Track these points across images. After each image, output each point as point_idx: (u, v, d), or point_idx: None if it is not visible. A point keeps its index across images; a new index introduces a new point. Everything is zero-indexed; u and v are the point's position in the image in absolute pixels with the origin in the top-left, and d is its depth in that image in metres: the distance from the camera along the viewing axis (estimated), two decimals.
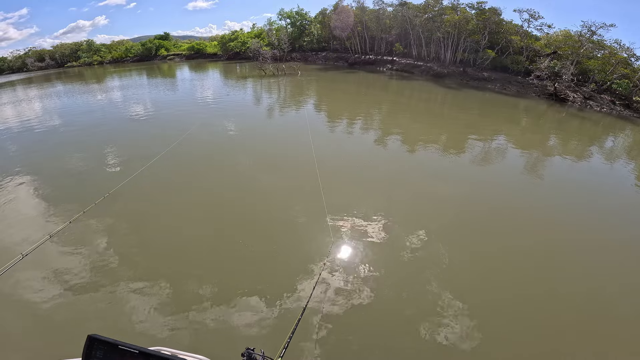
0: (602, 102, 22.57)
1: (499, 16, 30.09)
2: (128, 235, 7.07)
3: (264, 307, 5.06)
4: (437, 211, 7.82)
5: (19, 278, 5.76)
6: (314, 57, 45.01)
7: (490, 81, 28.29)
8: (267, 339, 4.49)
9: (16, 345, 4.60)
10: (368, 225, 7.11)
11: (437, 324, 4.77)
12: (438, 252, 6.27)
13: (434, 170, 10.47)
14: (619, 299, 5.36)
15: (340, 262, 6.07)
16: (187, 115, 17.96)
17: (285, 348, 2.35)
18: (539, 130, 16.69)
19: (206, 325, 4.78)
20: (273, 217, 7.53)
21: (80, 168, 10.90)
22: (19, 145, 13.97)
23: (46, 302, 5.30)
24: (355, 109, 19.03)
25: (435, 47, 34.29)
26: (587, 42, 25.48)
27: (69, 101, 25.00)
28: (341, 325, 4.75)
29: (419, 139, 13.45)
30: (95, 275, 5.82)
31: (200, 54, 59.67)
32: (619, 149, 15.00)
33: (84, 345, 1.38)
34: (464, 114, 19.03)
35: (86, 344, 1.38)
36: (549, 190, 9.52)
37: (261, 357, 1.92)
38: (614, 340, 4.68)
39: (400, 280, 5.62)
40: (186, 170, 10.34)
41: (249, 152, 11.70)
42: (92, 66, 58.48)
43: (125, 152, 12.10)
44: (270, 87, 27.06)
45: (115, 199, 8.45)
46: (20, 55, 63.06)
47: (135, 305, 5.13)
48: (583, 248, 6.69)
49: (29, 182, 9.82)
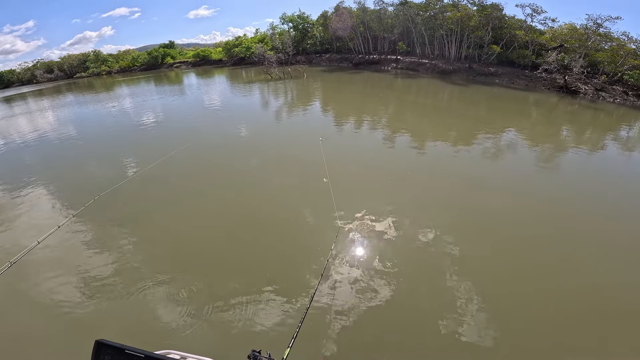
0: (615, 93, 22.31)
1: (500, 12, 30.00)
2: (137, 238, 7.13)
3: (274, 308, 4.99)
4: (449, 206, 7.72)
5: (36, 278, 5.90)
6: (318, 59, 45.28)
7: (498, 76, 28.16)
8: (275, 340, 4.42)
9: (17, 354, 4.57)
10: (379, 222, 7.08)
11: (452, 318, 4.69)
12: (451, 247, 6.19)
13: (445, 165, 10.39)
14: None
15: (352, 259, 6.02)
16: (197, 120, 18.21)
17: (294, 338, 2.37)
18: (553, 123, 16.54)
19: (213, 327, 4.75)
20: (282, 217, 7.51)
21: (95, 173, 11.15)
22: (34, 154, 14.31)
23: (63, 301, 5.35)
24: (363, 108, 19.08)
25: (439, 44, 34.30)
26: (594, 35, 25.25)
27: (85, 111, 25.54)
28: (354, 321, 4.72)
29: (429, 135, 13.44)
30: (110, 276, 5.89)
31: (205, 61, 60.35)
32: (635, 138, 14.79)
33: (92, 350, 1.42)
34: (474, 109, 18.97)
35: (94, 348, 1.42)
36: (565, 182, 9.39)
37: (267, 359, 1.92)
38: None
39: (414, 276, 5.57)
40: (198, 173, 10.47)
41: (259, 154, 11.75)
42: (101, 76, 59.56)
43: (139, 157, 12.29)
44: (278, 90, 27.27)
45: (128, 202, 8.68)
46: (29, 68, 64.30)
47: (143, 306, 5.13)
48: (601, 240, 6.51)
49: (41, 188, 10.05)
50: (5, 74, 63.80)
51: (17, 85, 61.67)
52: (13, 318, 5.18)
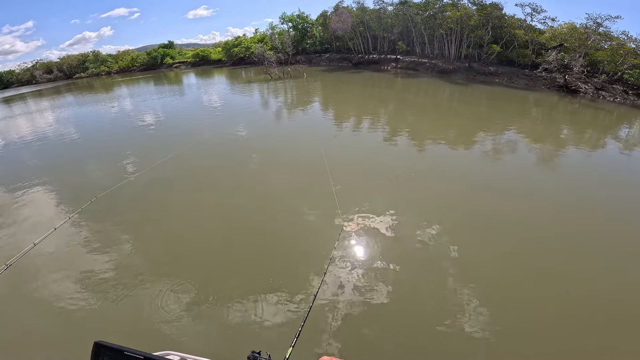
0: (615, 92, 22.29)
1: (500, 11, 29.99)
2: (137, 239, 7.08)
3: (275, 308, 4.94)
4: (452, 207, 7.63)
5: (45, 274, 5.86)
6: (318, 59, 45.28)
7: (498, 75, 28.15)
8: (275, 341, 4.38)
9: (16, 356, 4.53)
10: (381, 221, 7.02)
11: (454, 321, 4.63)
12: (454, 249, 6.12)
13: (446, 165, 10.34)
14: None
15: (354, 260, 5.97)
16: (197, 120, 18.17)
17: (297, 337, 2.34)
18: (553, 122, 16.53)
19: (213, 328, 4.71)
20: (284, 217, 7.45)
21: (94, 174, 11.12)
22: (34, 155, 14.26)
23: (60, 303, 5.31)
24: (363, 108, 19.05)
25: (438, 43, 34.30)
26: (594, 34, 25.25)
27: (85, 111, 25.50)
28: (356, 321, 4.68)
29: (429, 135, 13.40)
30: (108, 278, 5.85)
31: (205, 61, 60.33)
32: (636, 137, 14.77)
33: (91, 352, 1.40)
34: (474, 108, 18.95)
35: (93, 350, 1.40)
36: (567, 182, 9.34)
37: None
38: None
39: (416, 276, 5.51)
40: (198, 174, 10.41)
41: (259, 154, 11.70)
42: (100, 76, 59.49)
43: (139, 158, 12.24)
44: (278, 90, 27.25)
45: (127, 204, 8.64)
46: (28, 68, 64.21)
47: (142, 307, 5.08)
48: (607, 243, 6.40)
49: (39, 189, 10.01)
50: (5, 75, 63.75)
51: (17, 85, 61.61)
52: (11, 320, 5.12)
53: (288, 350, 2.18)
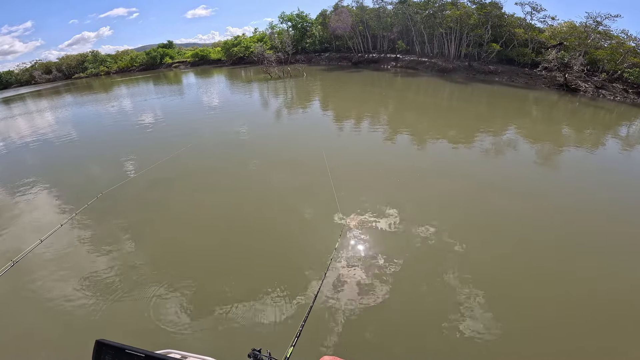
0: (615, 91, 22.29)
1: (500, 10, 29.98)
2: (139, 238, 7.09)
3: (276, 307, 4.93)
4: (453, 206, 7.63)
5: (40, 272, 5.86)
6: (318, 58, 45.26)
7: (497, 74, 28.14)
8: (276, 339, 4.37)
9: (19, 353, 4.54)
10: (381, 220, 7.03)
11: (455, 320, 4.62)
12: (456, 248, 6.12)
13: (446, 165, 10.32)
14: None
15: (355, 259, 5.96)
16: (197, 120, 18.16)
17: (298, 337, 2.33)
18: (553, 121, 16.52)
19: (214, 326, 4.71)
20: (285, 217, 7.45)
21: (95, 174, 11.10)
22: (34, 155, 14.25)
23: (64, 301, 5.33)
24: (363, 107, 19.04)
25: (438, 42, 34.27)
26: (594, 33, 25.22)
27: (84, 111, 25.47)
28: (357, 320, 4.68)
29: (429, 134, 13.40)
30: (111, 276, 5.86)
31: (204, 61, 60.28)
32: (637, 135, 14.77)
33: (92, 350, 1.40)
34: (474, 107, 18.94)
35: (95, 348, 1.41)
36: (567, 181, 9.33)
37: (267, 358, 1.89)
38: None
39: (416, 275, 5.51)
40: (198, 174, 10.39)
41: (259, 155, 11.66)
42: (99, 77, 59.43)
43: (139, 158, 12.24)
44: (277, 90, 27.23)
45: (129, 203, 8.63)
46: (27, 68, 64.18)
47: (144, 306, 5.08)
48: (605, 240, 6.42)
49: (42, 188, 10.01)
50: (4, 75, 63.65)
51: (16, 86, 61.55)
52: (15, 317, 5.14)
53: (289, 349, 2.17)
